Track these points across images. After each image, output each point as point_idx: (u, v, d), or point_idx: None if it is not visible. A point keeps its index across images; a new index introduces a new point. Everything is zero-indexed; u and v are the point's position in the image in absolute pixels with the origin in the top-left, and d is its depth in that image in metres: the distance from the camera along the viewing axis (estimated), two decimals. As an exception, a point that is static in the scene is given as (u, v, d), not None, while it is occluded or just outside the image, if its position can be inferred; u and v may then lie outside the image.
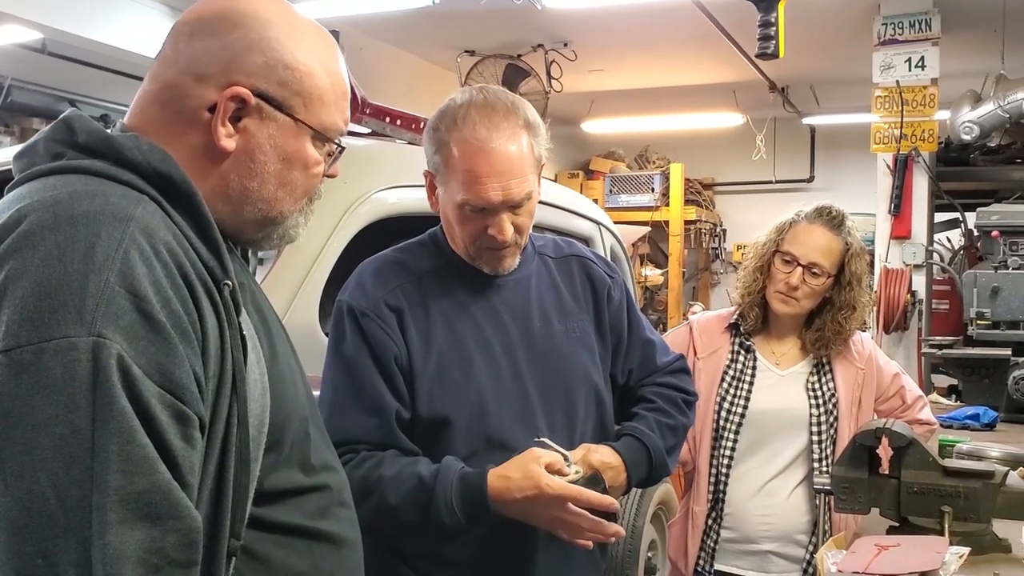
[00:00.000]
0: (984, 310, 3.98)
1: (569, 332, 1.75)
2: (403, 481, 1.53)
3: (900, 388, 2.48)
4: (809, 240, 2.34)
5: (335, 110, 1.18)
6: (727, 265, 9.31)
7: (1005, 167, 5.96)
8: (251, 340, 1.08)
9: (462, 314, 1.68)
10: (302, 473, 1.16)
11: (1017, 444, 3.34)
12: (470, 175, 1.58)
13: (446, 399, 1.62)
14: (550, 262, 1.81)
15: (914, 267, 5.30)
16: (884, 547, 1.37)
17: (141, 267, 0.95)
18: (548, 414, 1.68)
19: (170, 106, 1.12)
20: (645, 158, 9.10)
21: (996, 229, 4.28)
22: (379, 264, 1.72)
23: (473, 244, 1.65)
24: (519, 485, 1.50)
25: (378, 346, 1.61)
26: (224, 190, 1.13)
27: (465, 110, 1.60)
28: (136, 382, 0.91)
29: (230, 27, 1.12)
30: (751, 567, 2.37)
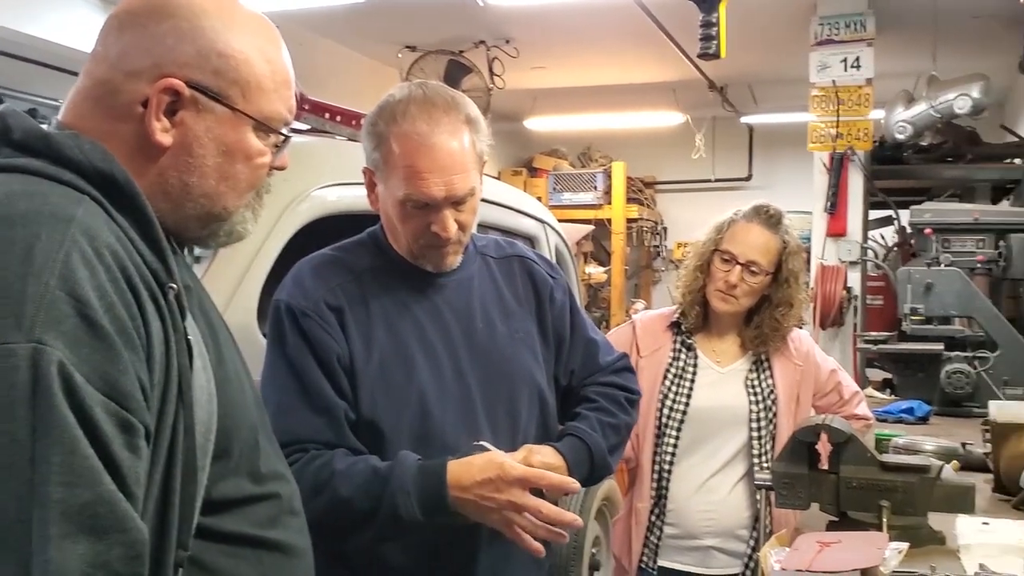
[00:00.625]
0: (918, 306, 4.06)
1: (512, 333, 1.74)
2: (356, 474, 1.51)
3: (837, 384, 2.52)
4: (747, 239, 2.37)
5: (277, 98, 1.13)
6: (668, 263, 9.39)
7: (937, 165, 6.10)
8: (197, 345, 1.05)
9: (403, 314, 1.65)
10: (251, 482, 1.13)
11: (950, 437, 3.42)
12: (411, 171, 1.55)
13: (388, 400, 1.59)
14: (492, 262, 1.79)
15: (849, 264, 5.40)
16: (826, 544, 1.39)
17: (83, 270, 0.91)
18: (491, 415, 1.66)
19: (103, 102, 1.08)
20: (588, 156, 9.14)
21: (929, 227, 4.37)
22: (318, 263, 1.69)
23: (416, 241, 1.63)
24: (480, 468, 1.49)
25: (320, 346, 1.58)
26: (163, 186, 1.09)
27: (404, 105, 1.58)
28: (78, 390, 0.87)
29: (160, 18, 1.08)
30: (694, 563, 2.39)
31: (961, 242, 4.36)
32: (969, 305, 4.05)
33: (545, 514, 1.50)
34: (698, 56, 3.68)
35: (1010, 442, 2.29)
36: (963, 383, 3.87)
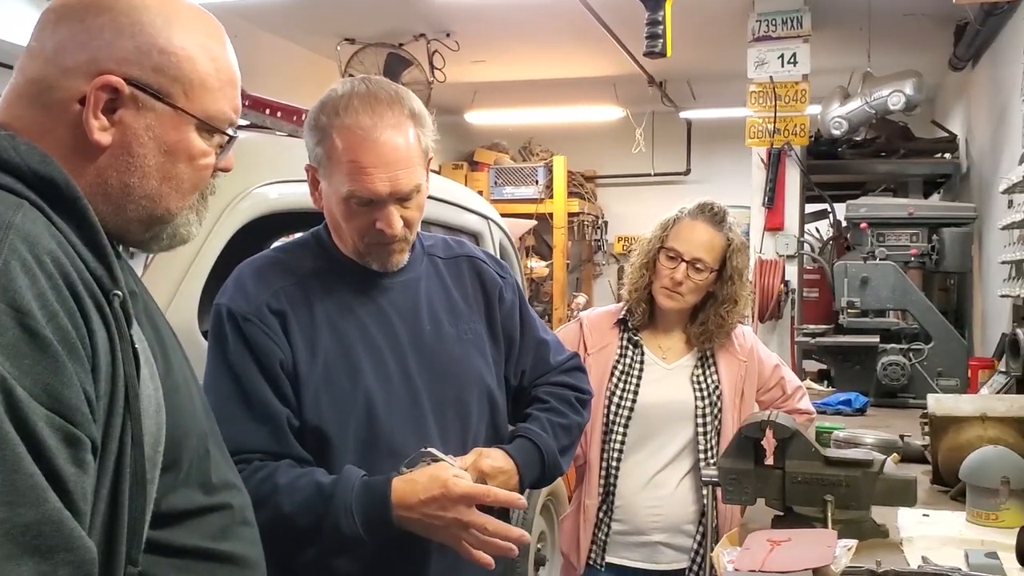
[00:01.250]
0: (854, 299, 4.13)
1: (460, 334, 1.72)
2: (299, 489, 1.47)
3: (780, 379, 2.55)
4: (692, 236, 2.38)
5: (221, 97, 1.10)
6: (609, 256, 9.45)
7: (871, 160, 6.23)
8: (143, 353, 1.01)
9: (348, 317, 1.62)
10: (202, 492, 1.10)
11: (887, 429, 3.49)
12: (355, 166, 1.52)
13: (334, 405, 1.56)
14: (439, 263, 1.77)
15: (787, 258, 5.48)
16: (776, 542, 1.40)
17: (23, 279, 0.87)
18: (440, 418, 1.64)
19: (38, 100, 1.03)
20: (528, 150, 9.13)
21: (864, 221, 4.46)
22: (259, 265, 1.65)
23: (361, 240, 1.60)
24: (424, 486, 1.46)
25: (262, 352, 1.54)
26: (103, 188, 1.05)
27: (347, 100, 1.54)
28: (21, 405, 0.83)
29: (98, 11, 1.03)
30: (641, 558, 2.40)
31: (896, 236, 4.46)
32: (904, 298, 4.14)
33: (492, 531, 1.49)
34: (644, 55, 3.70)
35: (948, 435, 2.34)
36: (898, 375, 3.96)
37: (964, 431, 2.32)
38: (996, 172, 5.29)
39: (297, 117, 2.71)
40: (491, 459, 1.60)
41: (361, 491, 1.48)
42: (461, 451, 1.62)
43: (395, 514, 1.47)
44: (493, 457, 1.61)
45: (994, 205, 5.19)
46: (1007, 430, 2.29)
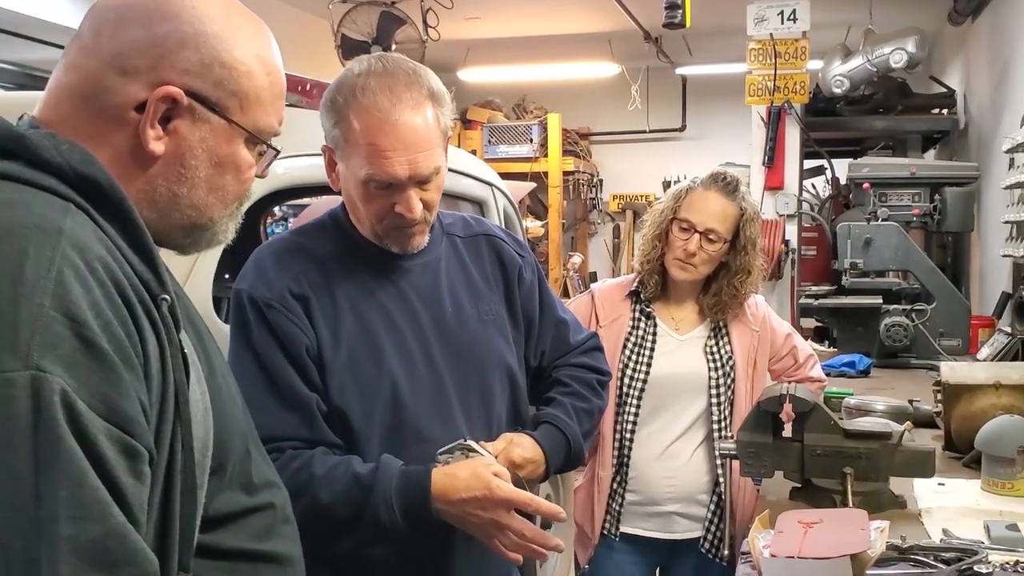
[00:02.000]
0: (857, 260, 4.13)
1: (481, 315, 1.70)
2: (337, 479, 1.46)
3: (793, 348, 2.55)
4: (705, 207, 2.36)
5: (271, 110, 1.10)
6: (604, 215, 9.42)
7: (869, 116, 6.19)
8: (191, 358, 1.00)
9: (370, 301, 1.60)
10: (245, 493, 1.10)
11: (893, 391, 3.52)
12: (373, 149, 1.49)
13: (359, 391, 1.55)
14: (459, 242, 1.74)
15: (787, 217, 5.47)
16: (808, 524, 1.40)
17: (77, 287, 0.86)
18: (464, 401, 1.63)
19: (91, 102, 1.01)
20: (523, 108, 9.04)
21: (867, 181, 4.44)
22: (279, 249, 1.62)
23: (380, 223, 1.57)
24: (466, 484, 1.45)
25: (287, 338, 1.52)
26: (151, 196, 1.04)
27: (364, 79, 1.50)
28: (82, 418, 0.82)
29: (162, 18, 1.01)
30: (656, 528, 2.41)
31: (898, 196, 4.45)
32: (907, 259, 4.14)
33: (529, 537, 1.48)
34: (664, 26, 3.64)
35: (961, 402, 2.35)
36: (901, 336, 3.97)
37: (977, 399, 2.33)
38: (997, 129, 5.27)
39: (302, 88, 2.66)
40: (521, 448, 1.59)
41: (401, 482, 1.47)
42: (485, 434, 1.61)
43: (435, 506, 1.46)
44: (523, 447, 1.60)
45: (994, 162, 5.18)
46: (1020, 397, 2.30)
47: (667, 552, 2.44)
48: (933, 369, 3.92)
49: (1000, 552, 1.64)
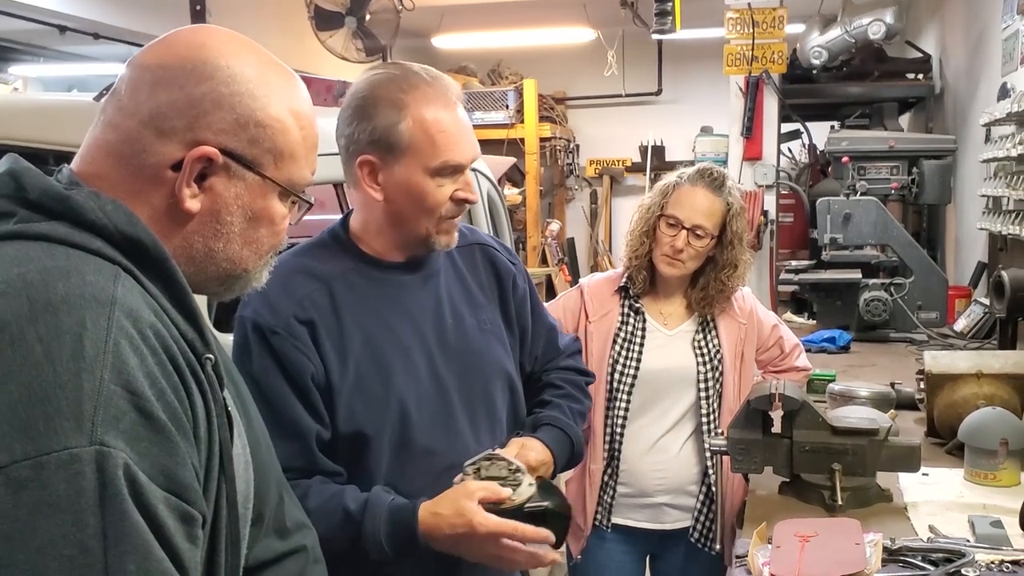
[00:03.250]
0: (837, 235, 4.17)
1: (480, 325, 1.73)
2: (329, 513, 1.48)
3: (779, 339, 2.59)
4: (692, 203, 2.38)
5: (305, 164, 1.12)
6: (582, 181, 9.40)
7: (845, 83, 6.20)
8: (234, 414, 1.03)
9: (375, 319, 1.61)
10: (279, 539, 1.13)
11: (873, 368, 3.58)
12: (446, 136, 1.54)
13: (367, 412, 1.56)
14: (455, 253, 1.75)
15: (765, 187, 5.49)
16: (805, 537, 1.44)
17: (133, 358, 0.88)
18: (469, 412, 1.66)
19: (129, 161, 1.02)
20: (498, 73, 8.98)
21: (846, 155, 4.46)
22: (282, 273, 1.60)
23: (436, 215, 1.59)
24: (450, 522, 1.47)
25: (292, 366, 1.53)
26: (188, 251, 1.06)
27: (403, 80, 1.55)
28: (143, 490, 0.85)
29: (198, 79, 1.03)
30: (646, 519, 2.46)
31: (876, 169, 4.47)
32: (885, 234, 4.18)
33: (523, 561, 1.52)
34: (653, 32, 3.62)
35: (944, 391, 2.40)
36: (880, 310, 4.02)
37: (960, 388, 2.37)
38: (973, 96, 5.30)
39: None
40: (534, 452, 1.64)
41: (388, 520, 1.50)
42: (490, 443, 1.65)
43: (422, 542, 1.50)
44: (536, 451, 1.65)
45: (969, 131, 5.21)
46: (1001, 387, 2.35)
47: (657, 542, 2.49)
48: (912, 343, 4.01)
49: (985, 551, 1.69)
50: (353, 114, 1.57)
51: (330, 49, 6.21)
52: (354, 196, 1.66)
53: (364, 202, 1.63)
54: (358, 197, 1.64)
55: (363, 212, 1.66)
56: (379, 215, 1.62)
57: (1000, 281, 3.16)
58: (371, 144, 1.55)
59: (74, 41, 6.65)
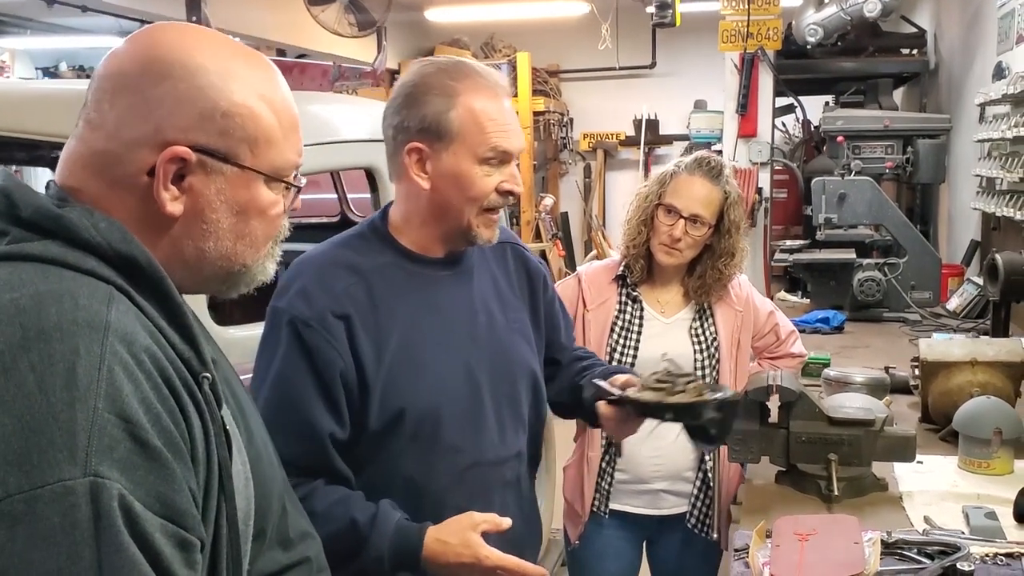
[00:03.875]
0: (832, 216, 4.18)
1: (510, 323, 1.75)
2: (334, 519, 1.50)
3: (775, 325, 2.60)
4: (690, 192, 2.38)
5: (286, 146, 1.07)
6: (575, 155, 9.37)
7: (839, 58, 6.18)
8: (233, 432, 1.02)
9: (412, 315, 1.62)
10: (283, 550, 1.13)
11: (867, 349, 3.61)
12: (496, 124, 1.55)
13: (400, 407, 1.58)
14: (487, 251, 1.76)
15: (760, 165, 5.49)
16: (804, 536, 1.46)
17: (127, 385, 0.87)
18: (496, 410, 1.68)
19: (104, 173, 1.01)
20: (491, 47, 8.93)
21: (841, 134, 4.46)
22: (322, 265, 1.61)
23: (480, 205, 1.60)
24: (456, 551, 1.49)
25: (322, 361, 1.53)
26: (179, 255, 1.04)
27: (453, 70, 1.57)
28: (139, 520, 0.84)
29: (155, 79, 1.00)
30: (644, 504, 2.48)
31: (871, 148, 4.48)
32: (880, 214, 4.19)
33: None
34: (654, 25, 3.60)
35: (938, 378, 2.42)
36: (874, 291, 4.04)
37: (954, 375, 2.39)
38: (968, 73, 5.30)
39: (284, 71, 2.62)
40: None
41: (394, 539, 1.51)
42: (515, 441, 1.71)
43: (423, 566, 1.52)
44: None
45: (963, 108, 5.21)
46: (996, 374, 2.37)
47: (654, 527, 2.51)
48: (905, 322, 4.04)
49: (980, 543, 1.71)
50: (403, 103, 1.57)
51: (323, 24, 6.17)
52: (397, 188, 1.66)
53: (408, 192, 1.63)
54: (402, 188, 1.64)
55: (406, 203, 1.66)
56: (423, 205, 1.62)
57: (994, 264, 3.17)
58: (420, 132, 1.56)
59: (62, 13, 6.59)
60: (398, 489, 1.60)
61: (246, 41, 7.34)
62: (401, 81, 1.61)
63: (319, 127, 2.45)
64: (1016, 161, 3.57)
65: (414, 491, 1.60)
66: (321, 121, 2.50)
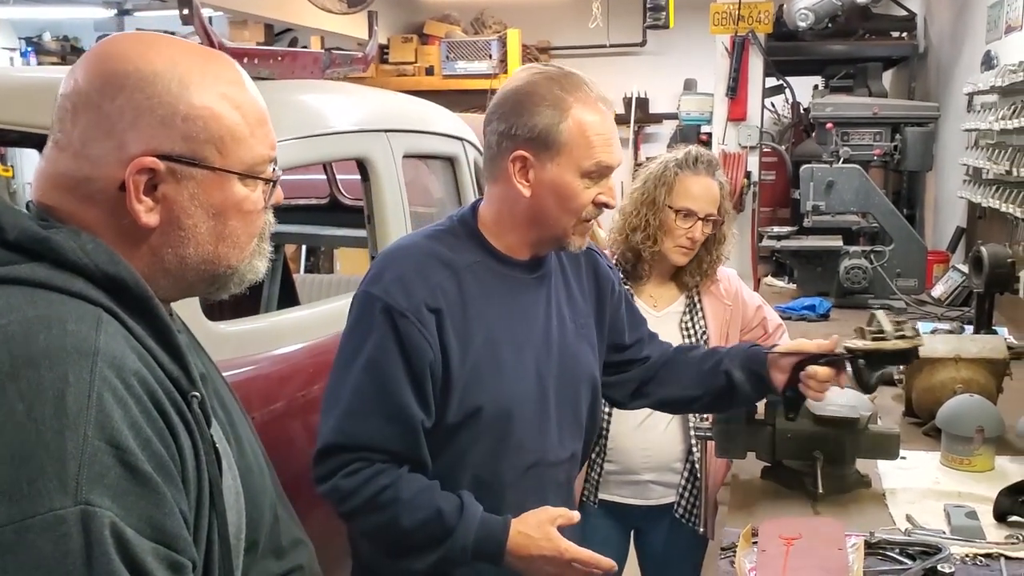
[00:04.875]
0: (820, 203, 4.20)
1: (578, 328, 1.79)
2: (420, 507, 1.55)
3: (763, 319, 2.64)
4: (703, 193, 2.43)
5: (255, 142, 1.07)
6: (564, 132, 9.34)
7: (829, 40, 6.18)
8: (223, 448, 1.03)
9: (496, 315, 1.66)
10: (275, 559, 1.14)
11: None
12: (602, 139, 1.59)
13: (477, 403, 1.62)
14: (562, 255, 1.80)
15: (749, 148, 5.51)
16: (789, 540, 1.50)
17: (117, 411, 0.88)
18: (560, 413, 1.74)
19: (76, 191, 1.01)
20: (481, 22, 8.87)
21: (830, 121, 4.48)
22: (417, 256, 1.65)
23: (577, 216, 1.64)
24: (538, 544, 1.57)
25: (414, 351, 1.56)
26: (160, 265, 1.04)
27: (565, 81, 1.59)
28: (130, 545, 0.86)
29: (112, 93, 1.00)
30: (632, 495, 2.52)
31: (860, 135, 4.50)
32: (867, 202, 4.22)
33: None
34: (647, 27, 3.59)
35: (922, 374, 2.46)
36: (860, 278, 4.08)
37: (938, 372, 2.43)
38: (957, 60, 5.32)
39: (273, 59, 2.61)
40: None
41: (480, 534, 1.56)
42: (571, 444, 1.78)
43: (507, 559, 1.58)
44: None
45: (951, 96, 5.24)
46: (979, 371, 2.41)
47: (642, 517, 2.56)
48: (890, 310, 4.07)
49: (960, 544, 1.76)
50: (512, 110, 1.59)
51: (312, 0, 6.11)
52: (491, 188, 1.68)
53: (505, 196, 1.65)
54: (497, 190, 1.66)
55: (500, 206, 1.68)
56: (520, 211, 1.64)
57: (979, 257, 3.21)
58: (528, 141, 1.58)
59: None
60: (463, 482, 1.65)
61: (234, 16, 7.28)
62: (509, 87, 1.62)
63: (309, 119, 2.44)
64: (1003, 153, 3.60)
65: (478, 485, 1.65)
66: (311, 112, 2.49)
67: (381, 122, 2.75)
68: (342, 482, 1.57)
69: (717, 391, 1.93)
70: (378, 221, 2.67)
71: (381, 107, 2.93)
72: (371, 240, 2.69)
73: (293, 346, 2.30)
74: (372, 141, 2.66)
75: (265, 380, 2.17)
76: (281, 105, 2.31)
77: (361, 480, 1.55)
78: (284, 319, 2.56)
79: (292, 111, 2.39)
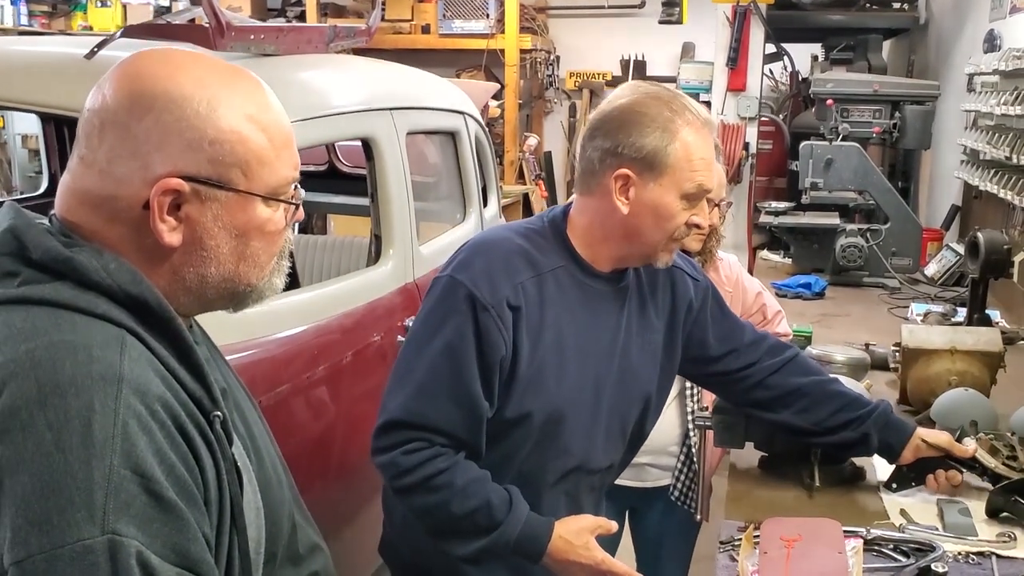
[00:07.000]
0: (818, 180, 4.22)
1: (644, 344, 1.80)
2: (471, 496, 1.59)
3: (762, 305, 2.66)
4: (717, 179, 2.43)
5: (279, 165, 1.07)
6: (560, 93, 9.28)
7: (830, 10, 6.15)
8: (244, 466, 1.05)
9: (569, 321, 1.68)
10: (292, 567, 1.17)
11: (848, 317, 3.68)
12: (704, 162, 1.61)
13: (534, 404, 1.65)
14: (641, 270, 1.80)
15: (747, 120, 5.49)
16: (789, 541, 1.54)
17: (142, 438, 0.90)
18: (608, 427, 1.77)
19: (101, 209, 1.02)
20: (478, -19, 8.75)
21: (830, 97, 4.47)
22: (507, 251, 1.66)
23: (670, 236, 1.66)
24: (577, 551, 1.61)
25: (489, 345, 1.59)
26: (182, 284, 1.06)
27: (673, 102, 1.60)
28: (156, 573, 0.88)
29: (140, 113, 1.00)
30: (629, 477, 2.54)
31: (859, 112, 4.50)
32: (865, 180, 4.24)
33: None
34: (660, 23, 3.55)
35: (918, 364, 2.49)
36: (856, 256, 4.11)
37: (933, 363, 2.46)
38: (958, 36, 5.30)
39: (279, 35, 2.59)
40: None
41: (524, 532, 1.60)
42: (613, 455, 1.83)
43: (545, 560, 1.62)
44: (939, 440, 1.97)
45: (951, 72, 5.23)
46: (974, 363, 2.44)
47: (637, 498, 2.60)
48: (884, 288, 4.12)
49: (953, 541, 1.80)
50: (620, 127, 1.59)
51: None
52: (586, 199, 1.69)
53: (600, 208, 1.66)
54: (592, 202, 1.67)
55: (593, 217, 1.69)
56: (614, 225, 1.65)
57: (975, 242, 3.23)
58: (634, 160, 1.59)
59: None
60: (508, 475, 1.68)
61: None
62: (615, 104, 1.63)
63: (314, 99, 2.43)
64: (1003, 137, 3.61)
65: (521, 481, 1.68)
66: (316, 92, 2.48)
67: (385, 100, 2.74)
68: (401, 458, 1.60)
69: (845, 442, 1.97)
70: (382, 200, 2.67)
71: (385, 85, 2.91)
72: (374, 219, 2.70)
73: (296, 328, 2.31)
74: (377, 120, 2.65)
75: (270, 363, 2.18)
76: (286, 85, 2.29)
77: (420, 459, 1.59)
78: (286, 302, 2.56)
79: (297, 91, 2.37)
